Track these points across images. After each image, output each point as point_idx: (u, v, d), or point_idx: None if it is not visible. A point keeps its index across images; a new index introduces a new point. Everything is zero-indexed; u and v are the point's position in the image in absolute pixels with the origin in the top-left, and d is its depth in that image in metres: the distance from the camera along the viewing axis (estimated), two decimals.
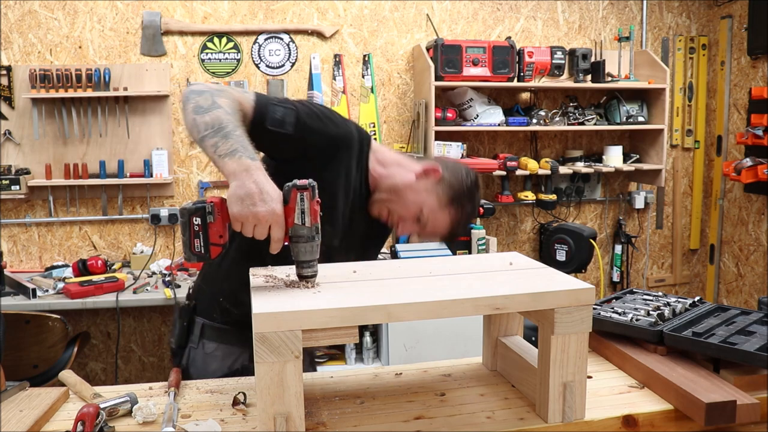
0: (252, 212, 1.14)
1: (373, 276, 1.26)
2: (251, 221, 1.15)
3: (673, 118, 4.00)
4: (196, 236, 1.16)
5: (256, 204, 1.15)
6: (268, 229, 1.17)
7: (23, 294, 2.85)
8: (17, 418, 1.16)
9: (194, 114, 1.26)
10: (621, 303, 1.60)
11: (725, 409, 1.16)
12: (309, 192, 1.16)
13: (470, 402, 1.27)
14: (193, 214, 1.16)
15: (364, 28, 3.55)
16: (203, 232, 1.16)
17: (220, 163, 1.21)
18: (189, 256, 1.18)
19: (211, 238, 1.17)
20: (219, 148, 1.21)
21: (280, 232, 1.17)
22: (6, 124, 3.25)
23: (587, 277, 3.91)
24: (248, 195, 1.15)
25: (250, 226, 1.16)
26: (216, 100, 1.28)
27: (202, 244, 1.16)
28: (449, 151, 3.43)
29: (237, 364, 1.58)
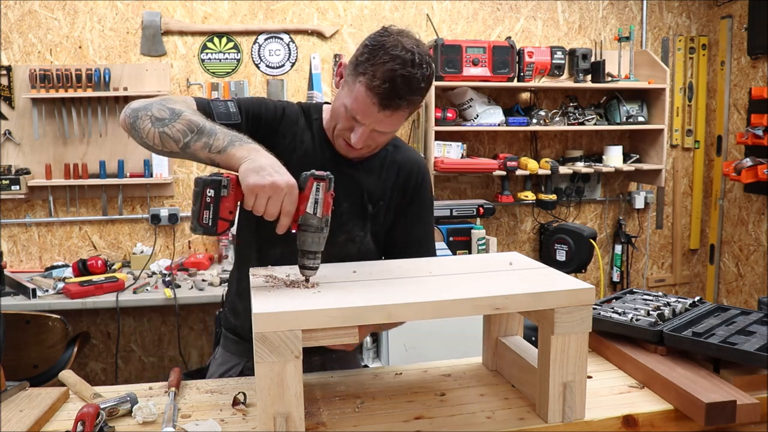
0: (269, 181, 1.12)
1: (373, 276, 1.26)
2: (267, 191, 1.12)
3: (673, 118, 4.00)
4: (207, 207, 1.15)
5: (272, 174, 1.13)
6: (281, 203, 1.14)
7: (23, 294, 2.85)
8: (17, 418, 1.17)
9: (157, 128, 1.23)
10: (621, 303, 1.60)
11: (725, 409, 1.16)
12: (326, 183, 1.17)
13: (470, 402, 1.27)
14: (208, 185, 1.15)
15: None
16: (215, 204, 1.15)
17: (224, 156, 1.19)
18: (195, 226, 1.17)
19: (221, 212, 1.15)
20: (213, 146, 1.20)
21: (293, 206, 1.15)
22: (6, 124, 3.25)
23: (587, 277, 3.91)
24: (263, 167, 1.14)
25: (265, 197, 1.13)
26: (173, 107, 1.25)
27: (211, 216, 1.15)
28: (449, 151, 3.44)
29: (229, 374, 1.59)
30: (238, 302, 1.58)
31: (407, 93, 1.28)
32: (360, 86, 1.30)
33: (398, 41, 1.29)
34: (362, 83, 1.29)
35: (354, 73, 1.32)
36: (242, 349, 1.58)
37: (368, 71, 1.28)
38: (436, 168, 3.33)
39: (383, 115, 1.31)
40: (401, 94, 1.28)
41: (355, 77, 1.32)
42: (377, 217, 1.52)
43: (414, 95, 1.31)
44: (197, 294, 2.93)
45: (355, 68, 1.32)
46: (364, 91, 1.29)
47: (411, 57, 1.28)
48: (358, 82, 1.31)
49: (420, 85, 1.30)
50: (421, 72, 1.29)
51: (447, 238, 3.23)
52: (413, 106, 1.34)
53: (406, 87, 1.28)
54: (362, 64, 1.30)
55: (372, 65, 1.28)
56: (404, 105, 1.31)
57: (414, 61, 1.28)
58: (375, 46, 1.30)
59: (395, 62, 1.26)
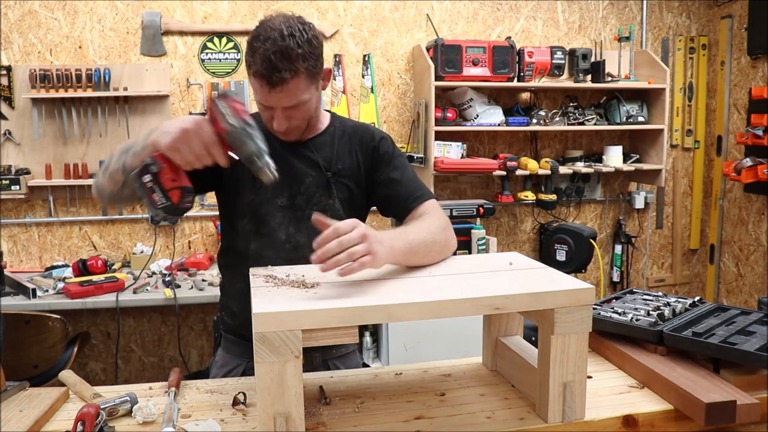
0: (177, 130, 1.21)
1: (373, 276, 1.26)
2: (181, 139, 1.21)
3: (673, 118, 4.00)
4: (152, 191, 1.20)
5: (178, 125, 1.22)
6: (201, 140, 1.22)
7: (23, 294, 2.85)
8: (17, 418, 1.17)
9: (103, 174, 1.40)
10: (621, 303, 1.60)
11: (725, 409, 1.16)
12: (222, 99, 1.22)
13: (470, 402, 1.27)
14: (140, 174, 1.21)
15: (364, 28, 3.55)
16: (156, 183, 1.20)
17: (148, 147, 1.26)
18: (155, 213, 1.22)
19: (165, 185, 1.20)
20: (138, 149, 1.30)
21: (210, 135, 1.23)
22: (6, 124, 3.25)
23: (587, 277, 3.91)
24: (170, 126, 1.24)
25: (184, 146, 1.21)
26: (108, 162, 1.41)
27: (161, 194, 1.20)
28: (449, 151, 3.44)
29: (232, 374, 1.60)
30: (233, 304, 1.62)
31: (286, 64, 1.36)
32: (252, 78, 1.41)
33: (266, 26, 1.39)
34: (252, 74, 1.41)
35: (247, 71, 1.43)
36: (243, 350, 1.60)
37: (250, 63, 1.39)
38: (436, 168, 3.33)
39: (278, 93, 1.39)
40: (280, 68, 1.35)
41: (249, 73, 1.43)
42: (340, 182, 1.57)
43: (294, 63, 1.37)
44: (197, 294, 2.93)
45: (247, 68, 1.44)
46: (254, 80, 1.41)
47: (279, 33, 1.37)
48: (250, 76, 1.42)
49: (297, 51, 1.37)
50: (294, 41, 1.37)
51: None
52: (303, 73, 1.40)
53: (282, 59, 1.35)
54: (248, 59, 1.41)
55: (252, 56, 1.38)
56: (289, 76, 1.37)
57: (283, 34, 1.37)
58: (251, 40, 1.40)
59: (266, 44, 1.36)
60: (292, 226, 1.54)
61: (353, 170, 1.60)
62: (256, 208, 1.54)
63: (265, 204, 1.54)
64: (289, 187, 1.54)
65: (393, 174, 1.60)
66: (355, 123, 1.70)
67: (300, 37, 1.38)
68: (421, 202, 1.56)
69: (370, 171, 1.60)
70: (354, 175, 1.59)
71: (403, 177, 1.60)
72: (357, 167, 1.60)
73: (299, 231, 1.54)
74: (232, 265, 1.61)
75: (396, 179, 1.59)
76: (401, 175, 1.60)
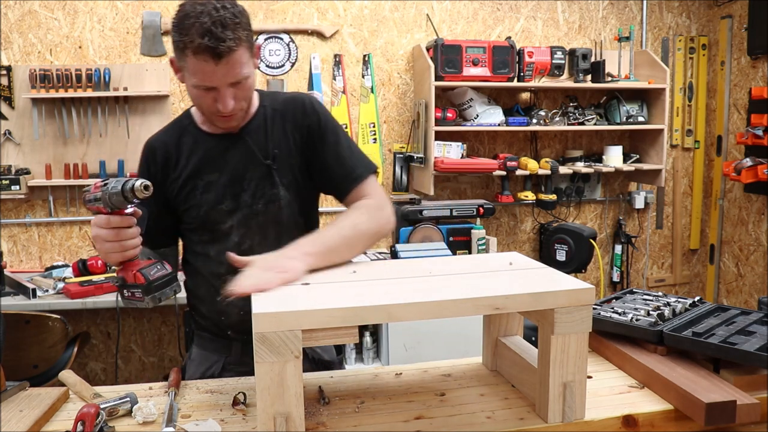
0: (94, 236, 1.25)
1: (373, 276, 1.26)
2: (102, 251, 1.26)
3: (673, 118, 4.00)
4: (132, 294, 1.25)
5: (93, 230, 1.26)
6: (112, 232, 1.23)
7: (23, 294, 2.85)
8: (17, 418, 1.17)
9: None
10: (621, 303, 1.60)
11: (725, 409, 1.16)
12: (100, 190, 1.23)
13: (470, 402, 1.27)
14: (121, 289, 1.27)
15: (364, 28, 3.55)
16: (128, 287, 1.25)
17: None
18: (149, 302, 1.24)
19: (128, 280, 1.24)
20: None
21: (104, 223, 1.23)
22: (6, 124, 3.25)
23: (587, 277, 3.91)
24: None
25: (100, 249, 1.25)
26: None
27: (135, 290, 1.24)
28: (449, 151, 3.44)
29: (210, 372, 1.60)
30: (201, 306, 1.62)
31: (229, 33, 1.31)
32: (190, 59, 1.33)
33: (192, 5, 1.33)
34: (189, 55, 1.33)
35: (180, 57, 1.36)
36: (219, 346, 1.61)
37: (186, 43, 1.32)
38: (436, 168, 3.33)
39: (225, 66, 1.33)
40: (224, 37, 1.30)
41: (182, 58, 1.35)
42: (283, 168, 1.52)
43: (235, 32, 1.32)
44: None
45: (178, 53, 1.37)
46: (195, 60, 1.32)
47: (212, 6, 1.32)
48: (186, 58, 1.34)
49: (235, 21, 1.33)
50: (227, 12, 1.32)
51: (447, 238, 3.23)
52: (245, 42, 1.36)
53: (224, 29, 1.30)
54: (179, 42, 1.34)
55: (186, 35, 1.31)
56: (234, 45, 1.32)
57: (215, 6, 1.32)
58: (180, 22, 1.34)
59: (200, 18, 1.30)
60: (242, 226, 1.51)
61: (291, 152, 1.53)
62: (204, 219, 1.51)
63: (212, 212, 1.50)
64: (231, 188, 1.50)
65: (327, 153, 1.54)
66: (285, 97, 1.61)
67: (232, 9, 1.34)
68: (359, 183, 1.52)
69: (307, 151, 1.55)
70: (293, 156, 1.53)
71: (338, 154, 1.54)
72: (294, 148, 1.54)
73: (250, 229, 1.51)
74: (195, 272, 1.60)
75: (330, 160, 1.54)
76: (335, 153, 1.54)
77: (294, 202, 1.54)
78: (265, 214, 1.51)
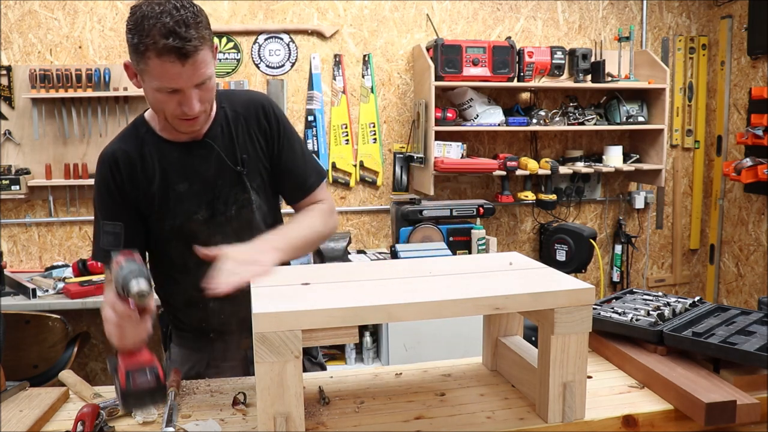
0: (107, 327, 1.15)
1: (373, 276, 1.26)
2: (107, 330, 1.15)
3: (673, 118, 4.00)
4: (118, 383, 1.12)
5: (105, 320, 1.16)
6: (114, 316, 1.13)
7: (23, 294, 2.85)
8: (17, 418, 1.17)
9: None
10: (621, 303, 1.60)
11: (725, 409, 1.16)
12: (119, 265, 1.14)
13: (470, 402, 1.27)
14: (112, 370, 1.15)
15: (364, 28, 3.55)
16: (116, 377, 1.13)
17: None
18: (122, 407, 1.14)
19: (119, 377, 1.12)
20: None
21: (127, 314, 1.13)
22: (6, 124, 3.25)
23: (587, 277, 3.91)
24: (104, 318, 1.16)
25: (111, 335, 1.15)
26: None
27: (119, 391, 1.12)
28: (449, 151, 3.43)
29: (193, 371, 1.59)
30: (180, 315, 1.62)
31: (193, 32, 1.26)
32: (152, 61, 1.27)
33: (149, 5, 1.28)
34: (152, 57, 1.27)
35: (139, 60, 1.30)
36: (202, 344, 1.60)
37: (148, 44, 1.26)
38: (436, 168, 3.33)
39: (191, 67, 1.28)
40: (188, 36, 1.25)
41: (142, 61, 1.29)
42: (252, 173, 1.52)
43: (198, 31, 1.28)
44: None
45: (137, 56, 1.30)
46: (158, 61, 1.27)
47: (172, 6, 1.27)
48: (148, 61, 1.28)
49: (197, 20, 1.29)
50: (187, 12, 1.28)
51: (447, 238, 3.23)
52: (207, 42, 1.32)
53: (186, 27, 1.26)
54: (138, 45, 1.28)
55: (146, 37, 1.26)
56: (199, 44, 1.28)
57: (175, 6, 1.27)
58: (137, 24, 1.28)
59: (161, 18, 1.25)
60: (218, 233, 1.48)
61: (258, 156, 1.53)
62: (179, 230, 1.48)
63: (186, 223, 1.48)
64: (204, 196, 1.48)
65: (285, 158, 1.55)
66: (244, 98, 1.57)
67: (191, 8, 1.30)
68: (312, 189, 1.58)
69: (268, 153, 1.55)
70: (260, 159, 1.53)
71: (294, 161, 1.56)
72: (260, 152, 1.53)
73: (227, 236, 1.46)
74: (171, 283, 1.57)
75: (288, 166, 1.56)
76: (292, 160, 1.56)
77: (264, 204, 1.55)
78: (239, 219, 1.51)
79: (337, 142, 3.54)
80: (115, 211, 1.47)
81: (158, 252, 1.56)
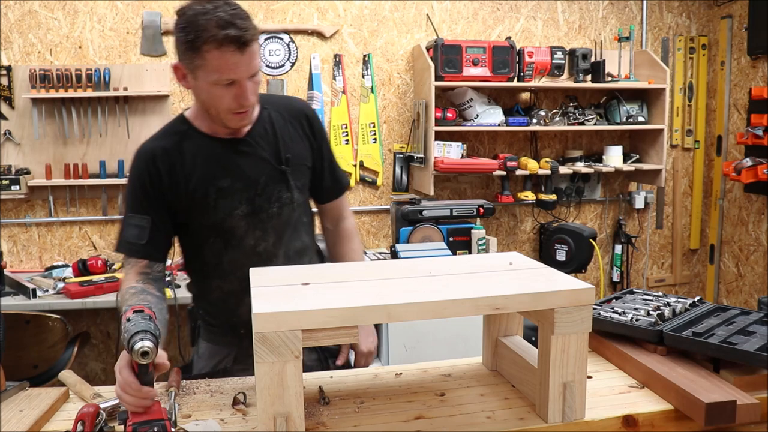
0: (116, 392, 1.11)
1: (373, 276, 1.26)
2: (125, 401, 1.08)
3: (673, 118, 4.00)
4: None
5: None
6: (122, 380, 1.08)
7: (23, 294, 2.85)
8: (17, 418, 1.17)
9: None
10: (621, 303, 1.60)
11: (725, 409, 1.16)
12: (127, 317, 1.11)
13: (470, 402, 1.27)
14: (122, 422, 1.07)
15: (364, 28, 3.55)
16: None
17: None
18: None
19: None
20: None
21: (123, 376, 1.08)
22: (6, 124, 3.25)
23: (587, 277, 3.91)
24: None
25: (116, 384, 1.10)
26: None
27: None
28: (449, 151, 3.43)
29: (220, 366, 1.61)
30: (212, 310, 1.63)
31: (248, 24, 1.33)
32: (211, 54, 1.31)
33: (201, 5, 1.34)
34: (210, 50, 1.31)
35: (195, 56, 1.34)
36: (231, 339, 1.61)
37: (206, 38, 1.30)
38: (436, 168, 3.33)
39: (248, 56, 1.33)
40: (245, 26, 1.32)
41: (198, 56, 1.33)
42: (295, 172, 1.57)
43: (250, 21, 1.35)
44: None
45: (192, 53, 1.34)
46: (218, 53, 1.31)
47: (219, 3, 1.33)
48: (206, 55, 1.32)
49: (245, 12, 1.36)
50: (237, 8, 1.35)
51: (447, 238, 3.23)
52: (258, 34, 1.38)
53: (240, 18, 1.32)
54: (195, 41, 1.32)
55: (203, 31, 1.30)
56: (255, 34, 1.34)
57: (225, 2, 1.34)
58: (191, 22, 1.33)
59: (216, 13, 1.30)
60: (258, 229, 1.53)
61: (304, 155, 1.60)
62: (218, 226, 1.50)
63: (227, 219, 1.50)
64: (245, 192, 1.50)
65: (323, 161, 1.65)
66: (285, 102, 1.65)
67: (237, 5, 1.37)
68: (342, 194, 1.75)
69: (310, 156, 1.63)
70: (306, 158, 1.60)
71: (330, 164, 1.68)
72: (304, 152, 1.60)
73: (266, 232, 1.53)
74: (205, 278, 1.60)
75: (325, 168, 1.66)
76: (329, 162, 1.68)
77: (304, 203, 1.62)
78: (279, 217, 1.54)
79: (337, 142, 3.54)
80: (145, 205, 1.48)
81: (194, 248, 1.58)
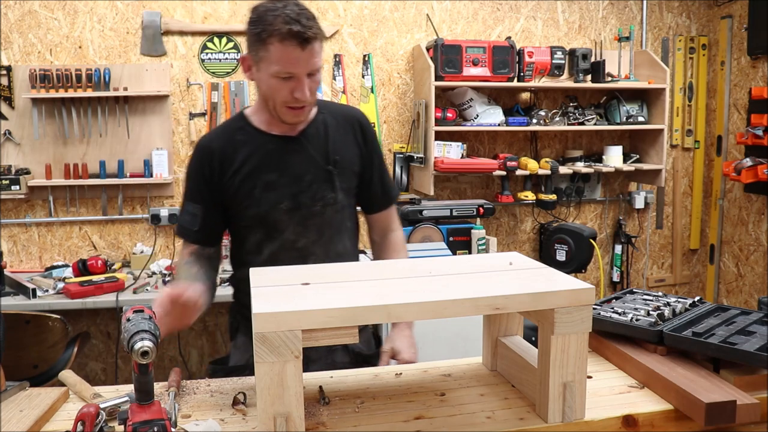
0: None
1: (373, 276, 1.26)
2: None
3: (673, 118, 4.00)
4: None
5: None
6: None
7: (23, 294, 2.85)
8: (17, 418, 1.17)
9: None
10: (621, 303, 1.60)
11: (725, 409, 1.16)
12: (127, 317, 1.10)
13: (470, 402, 1.27)
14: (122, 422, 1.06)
15: (364, 28, 3.55)
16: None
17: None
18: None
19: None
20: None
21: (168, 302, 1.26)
22: (6, 124, 3.25)
23: (587, 277, 3.91)
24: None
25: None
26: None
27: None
28: (449, 151, 3.44)
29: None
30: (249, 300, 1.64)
31: (312, 22, 1.41)
32: (274, 46, 1.40)
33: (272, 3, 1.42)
34: (274, 43, 1.40)
35: (260, 48, 1.43)
36: None
37: (271, 32, 1.39)
38: (436, 168, 3.33)
39: (308, 53, 1.41)
40: (309, 25, 1.40)
41: (263, 48, 1.42)
42: (342, 174, 1.61)
43: (315, 22, 1.43)
44: None
45: (258, 44, 1.43)
46: (281, 46, 1.39)
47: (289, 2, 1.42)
48: (269, 47, 1.40)
49: (312, 14, 1.44)
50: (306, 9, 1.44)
51: (447, 238, 3.23)
52: (321, 35, 1.45)
53: (306, 18, 1.41)
54: (261, 33, 1.41)
55: (269, 26, 1.39)
56: (317, 33, 1.42)
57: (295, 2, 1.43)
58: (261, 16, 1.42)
59: (285, 10, 1.39)
60: (299, 225, 1.58)
61: (352, 159, 1.64)
62: (262, 218, 1.57)
63: (271, 212, 1.56)
64: (290, 187, 1.56)
65: (374, 170, 1.69)
66: (341, 109, 1.73)
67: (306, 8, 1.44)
68: (391, 204, 1.76)
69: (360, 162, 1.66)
70: (354, 163, 1.65)
71: (381, 174, 1.71)
72: (355, 159, 1.65)
73: (307, 228, 1.58)
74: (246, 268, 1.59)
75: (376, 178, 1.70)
76: (380, 172, 1.71)
77: (348, 207, 1.65)
78: (322, 216, 1.59)
79: None
80: (198, 195, 1.59)
81: (238, 238, 1.65)
